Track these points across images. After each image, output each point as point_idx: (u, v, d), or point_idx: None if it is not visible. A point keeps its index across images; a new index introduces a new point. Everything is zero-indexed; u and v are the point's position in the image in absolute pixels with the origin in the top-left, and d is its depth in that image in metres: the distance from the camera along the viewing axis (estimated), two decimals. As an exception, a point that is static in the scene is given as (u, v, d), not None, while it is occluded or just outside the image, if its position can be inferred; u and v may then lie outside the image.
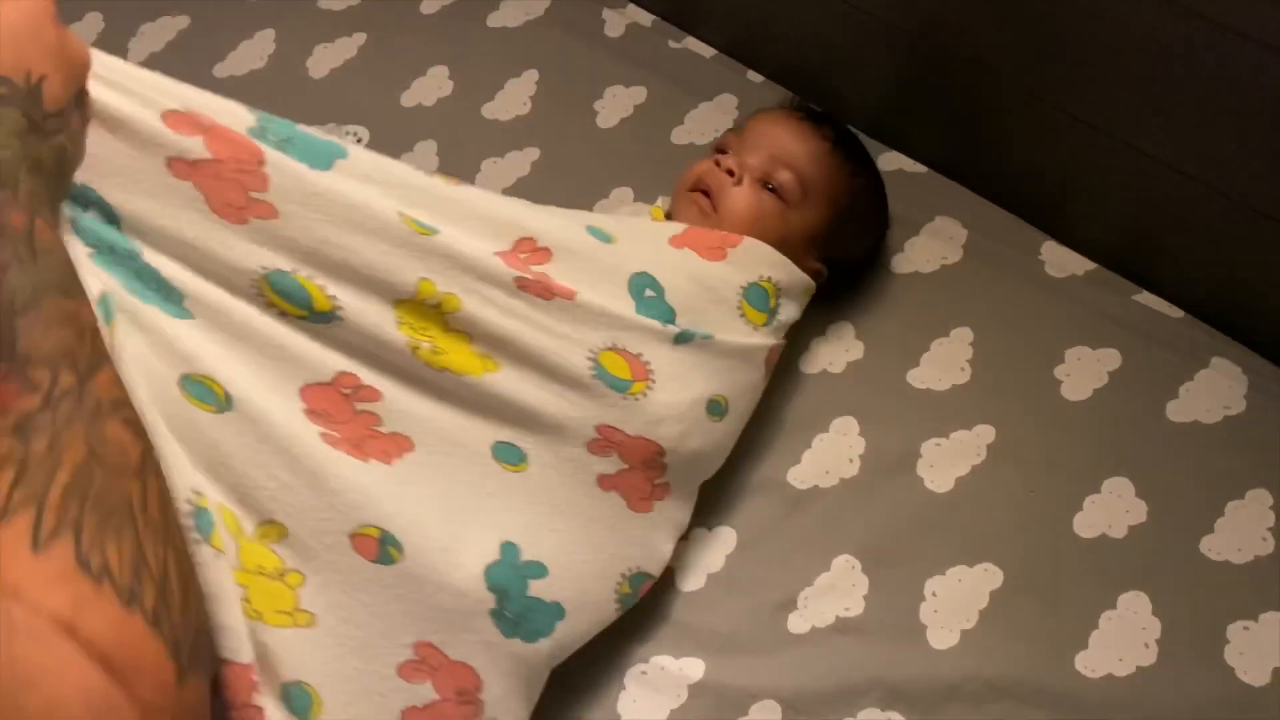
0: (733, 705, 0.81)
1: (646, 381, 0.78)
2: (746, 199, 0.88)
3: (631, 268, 0.81)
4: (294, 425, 0.68)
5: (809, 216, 0.89)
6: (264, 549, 0.66)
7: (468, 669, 0.71)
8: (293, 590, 0.67)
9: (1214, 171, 0.85)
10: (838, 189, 0.90)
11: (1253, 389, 0.90)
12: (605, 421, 0.77)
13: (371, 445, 0.71)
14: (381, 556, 0.68)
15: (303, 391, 0.70)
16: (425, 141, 1.08)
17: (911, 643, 0.82)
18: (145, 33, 1.17)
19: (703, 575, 0.86)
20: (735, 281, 0.85)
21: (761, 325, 0.85)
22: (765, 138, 0.91)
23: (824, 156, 0.90)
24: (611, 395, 0.77)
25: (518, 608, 0.73)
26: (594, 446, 0.77)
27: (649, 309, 0.80)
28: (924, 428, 0.90)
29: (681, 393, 0.79)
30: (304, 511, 0.67)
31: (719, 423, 0.82)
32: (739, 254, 0.85)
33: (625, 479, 0.78)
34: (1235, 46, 0.77)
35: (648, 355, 0.79)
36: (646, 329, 0.79)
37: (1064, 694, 0.80)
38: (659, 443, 0.78)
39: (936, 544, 0.86)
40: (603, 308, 0.78)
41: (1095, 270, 0.97)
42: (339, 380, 0.71)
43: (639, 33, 1.14)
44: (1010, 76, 0.92)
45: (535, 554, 0.74)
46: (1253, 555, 0.83)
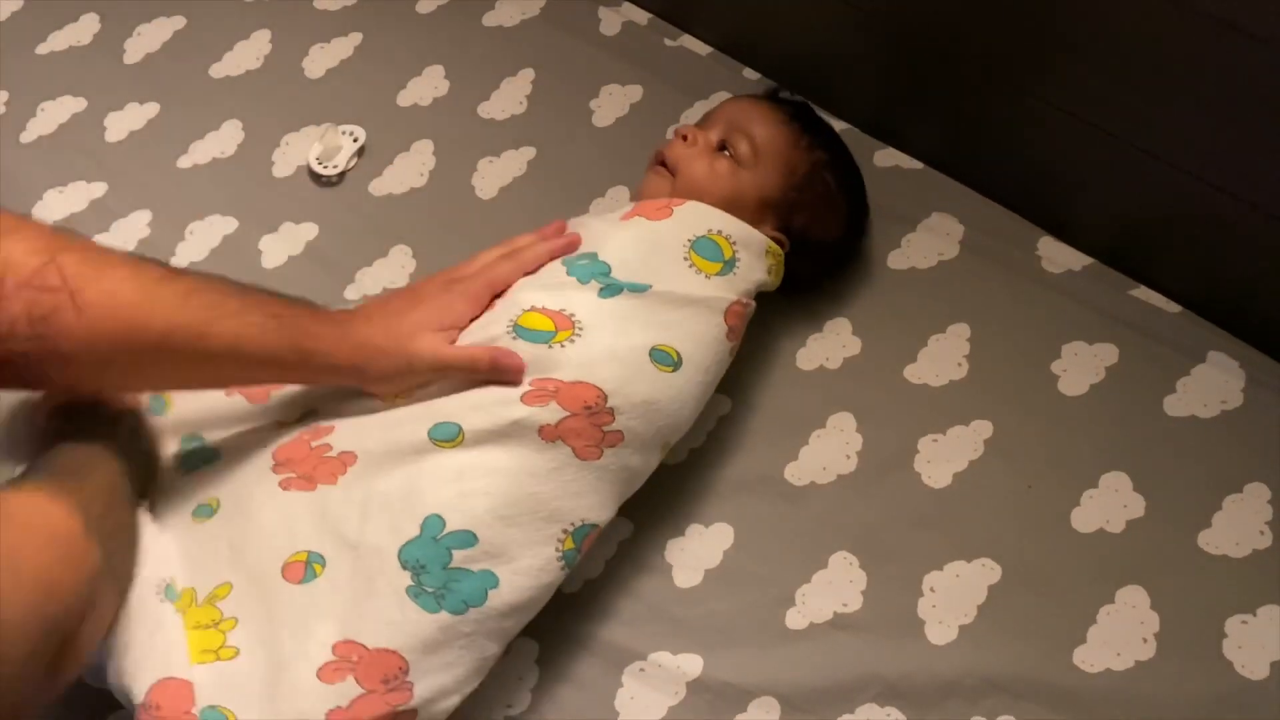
0: (731, 702, 0.81)
1: (572, 330, 0.80)
2: (699, 159, 0.91)
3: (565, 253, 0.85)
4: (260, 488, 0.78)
5: (761, 179, 0.90)
6: (210, 608, 0.75)
7: (389, 654, 0.72)
8: (223, 633, 0.74)
9: (1211, 166, 0.85)
10: (793, 158, 0.91)
11: (1250, 383, 0.90)
12: (536, 375, 0.78)
13: (321, 471, 0.78)
14: (306, 576, 0.74)
15: (275, 451, 0.80)
16: (422, 141, 1.08)
17: (910, 639, 0.82)
18: (142, 33, 1.18)
19: (700, 572, 0.85)
20: (681, 235, 0.86)
21: (715, 274, 0.86)
22: (725, 113, 0.94)
23: (779, 125, 0.92)
24: (535, 347, 0.79)
25: (437, 581, 0.73)
26: (529, 399, 0.77)
27: (582, 270, 0.83)
28: (921, 424, 0.90)
29: (616, 338, 0.80)
30: (246, 563, 0.76)
31: (671, 373, 0.82)
32: (684, 211, 0.88)
33: (570, 426, 0.77)
34: (1231, 41, 0.77)
35: (571, 308, 0.81)
36: (567, 286, 0.82)
37: (1062, 689, 0.79)
38: (598, 385, 0.78)
39: (934, 540, 0.85)
40: (532, 283, 0.83)
41: (1092, 265, 0.97)
42: (304, 433, 0.81)
43: (634, 31, 1.14)
44: (1006, 73, 0.93)
45: (463, 523, 0.74)
46: (1250, 549, 0.83)
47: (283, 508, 0.77)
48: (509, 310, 0.81)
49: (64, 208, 1.07)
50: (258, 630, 0.73)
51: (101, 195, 1.07)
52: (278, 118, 1.11)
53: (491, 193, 1.05)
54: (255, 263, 1.02)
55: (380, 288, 1.00)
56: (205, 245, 1.04)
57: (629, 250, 0.85)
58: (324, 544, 0.75)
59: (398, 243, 1.02)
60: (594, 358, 0.79)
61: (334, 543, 0.75)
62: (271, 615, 0.73)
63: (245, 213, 1.05)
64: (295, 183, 1.07)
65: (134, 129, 1.11)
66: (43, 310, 0.67)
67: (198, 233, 1.04)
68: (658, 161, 0.93)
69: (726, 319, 0.86)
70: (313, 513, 0.76)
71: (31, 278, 0.67)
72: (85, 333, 0.68)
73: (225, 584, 0.75)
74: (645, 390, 0.80)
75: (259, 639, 0.73)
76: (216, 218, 1.05)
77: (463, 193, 1.05)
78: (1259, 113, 0.80)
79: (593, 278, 0.82)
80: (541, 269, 0.84)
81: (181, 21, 1.18)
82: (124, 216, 1.06)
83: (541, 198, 1.04)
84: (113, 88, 1.14)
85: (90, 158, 1.09)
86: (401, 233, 1.03)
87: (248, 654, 0.72)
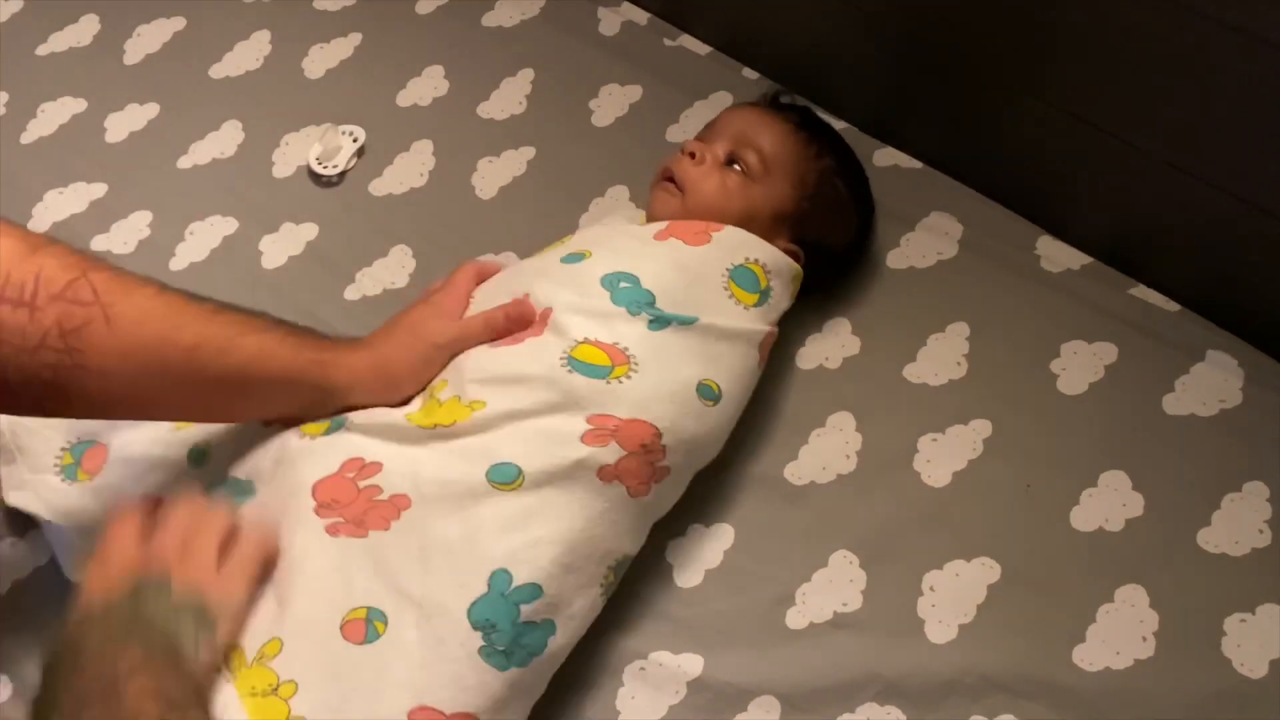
0: (731, 701, 0.81)
1: (628, 365, 0.78)
2: (710, 176, 0.89)
3: (600, 270, 0.83)
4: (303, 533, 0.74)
5: (773, 192, 0.90)
6: (262, 669, 0.71)
7: (466, 716, 0.71)
8: (285, 702, 0.70)
9: (1209, 165, 0.85)
10: (803, 167, 0.91)
11: (1249, 382, 0.90)
12: (593, 410, 0.77)
13: (372, 516, 0.75)
14: (369, 635, 0.71)
15: (314, 487, 0.76)
16: (421, 141, 1.08)
17: (909, 637, 0.82)
18: (141, 34, 1.18)
19: (700, 571, 0.86)
20: (720, 263, 0.85)
21: (753, 306, 0.86)
22: (729, 125, 0.92)
23: (786, 135, 0.91)
24: (593, 383, 0.77)
25: (508, 639, 0.72)
26: (589, 438, 0.76)
27: (625, 296, 0.81)
28: (920, 423, 0.90)
29: (668, 374, 0.80)
30: (296, 619, 0.72)
31: (713, 407, 0.82)
32: (722, 237, 0.86)
33: (626, 466, 0.77)
34: (1229, 41, 0.77)
35: (624, 342, 0.79)
36: (615, 317, 0.80)
37: (1062, 688, 0.79)
38: (654, 424, 0.78)
39: (934, 539, 0.85)
40: (576, 306, 0.80)
41: (1091, 264, 0.97)
42: (345, 466, 0.77)
43: (634, 31, 1.14)
44: (1006, 72, 0.93)
45: (529, 575, 0.73)
46: (1250, 548, 0.83)
47: (334, 557, 0.73)
48: (561, 341, 0.79)
49: (64, 208, 1.07)
50: (325, 698, 0.69)
51: (102, 196, 1.07)
52: (278, 118, 1.11)
53: (491, 193, 1.05)
54: (255, 263, 1.03)
55: (380, 288, 1.00)
56: (205, 246, 1.04)
57: (671, 278, 0.83)
58: (383, 599, 0.72)
59: (398, 243, 1.02)
60: (649, 395, 0.78)
61: (394, 597, 0.72)
62: (337, 679, 0.70)
63: (245, 213, 1.05)
64: (295, 183, 1.07)
65: (134, 130, 1.11)
66: (75, 323, 0.67)
67: (198, 233, 1.04)
68: (665, 178, 0.91)
69: (760, 350, 0.86)
70: (367, 563, 0.73)
71: (65, 291, 0.67)
72: (115, 346, 0.69)
73: (275, 640, 0.71)
74: (693, 427, 0.80)
75: (328, 708, 0.69)
76: (217, 218, 1.05)
77: (462, 193, 1.05)
78: (1258, 111, 0.80)
79: (641, 309, 0.80)
80: (583, 290, 0.81)
81: (181, 22, 1.18)
82: (124, 217, 1.06)
83: (541, 198, 1.04)
84: (113, 89, 1.14)
85: (90, 159, 1.10)
86: (401, 233, 1.03)
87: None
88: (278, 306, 0.98)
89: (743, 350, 0.84)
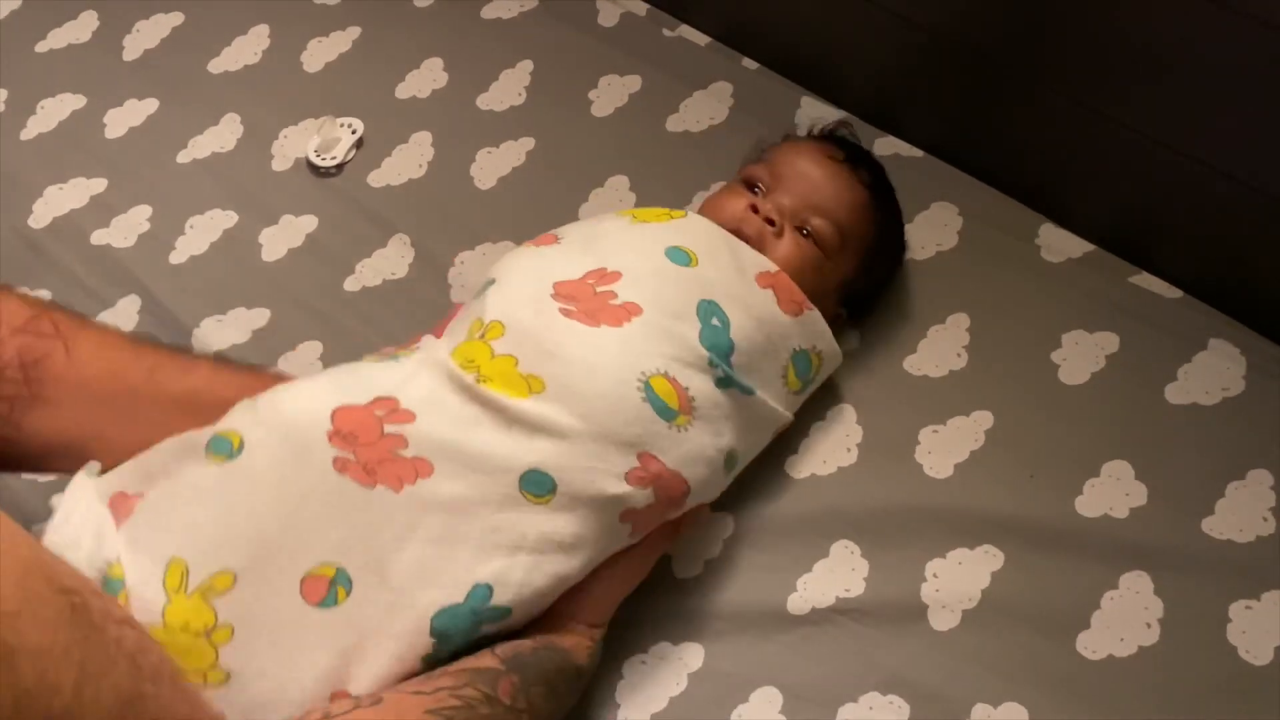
0: (733, 692, 0.80)
1: (690, 416, 0.75)
2: (790, 251, 0.85)
3: (703, 294, 0.78)
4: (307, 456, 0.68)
5: (843, 266, 0.87)
6: (201, 604, 0.66)
7: None
8: (215, 648, 0.66)
9: (1213, 150, 0.85)
10: (872, 237, 0.89)
11: (1251, 369, 0.89)
12: (648, 449, 0.73)
13: (386, 470, 0.69)
14: (326, 599, 0.67)
15: (335, 413, 0.70)
16: (420, 133, 1.08)
17: (913, 625, 0.82)
18: (140, 29, 1.18)
19: (700, 562, 0.85)
20: (793, 343, 0.83)
21: (795, 392, 0.85)
22: (801, 180, 0.87)
23: (862, 206, 0.88)
24: (659, 421, 0.74)
25: (452, 651, 0.69)
26: (632, 477, 0.73)
27: (711, 337, 0.77)
28: (922, 415, 0.90)
29: (712, 437, 0.77)
30: (263, 554, 0.67)
31: (725, 477, 0.81)
32: (809, 320, 0.84)
33: (648, 514, 0.75)
34: (1229, 24, 0.77)
35: (694, 390, 0.76)
36: (699, 362, 0.76)
37: (1066, 675, 0.79)
38: (689, 482, 0.75)
39: (936, 528, 0.85)
40: (667, 328, 0.76)
41: (1092, 252, 0.96)
42: (375, 403, 0.71)
43: (633, 22, 1.14)
44: (1008, 59, 0.92)
45: (509, 598, 0.70)
46: (1254, 535, 0.83)
47: (327, 496, 0.67)
48: (640, 360, 0.74)
49: (64, 204, 1.07)
50: (256, 658, 0.66)
51: (102, 191, 1.07)
52: (276, 112, 1.11)
53: (490, 183, 1.05)
54: (255, 256, 1.02)
55: (380, 279, 1.00)
56: (205, 239, 1.04)
57: (755, 339, 0.79)
58: (359, 566, 0.67)
59: (396, 233, 1.02)
60: (695, 453, 0.75)
61: (370, 571, 0.67)
62: (276, 638, 0.66)
63: (245, 206, 1.05)
64: (294, 176, 1.07)
65: (133, 125, 1.11)
66: (35, 355, 0.69)
67: (198, 227, 1.04)
68: (738, 235, 0.84)
69: (774, 434, 0.85)
70: (360, 519, 0.68)
71: (27, 324, 0.69)
72: (74, 375, 0.70)
73: (228, 574, 0.66)
74: (710, 493, 0.79)
75: (256, 670, 0.66)
76: (216, 212, 1.05)
77: (461, 184, 1.05)
78: (1261, 95, 0.79)
79: (719, 361, 0.77)
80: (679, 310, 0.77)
81: (180, 18, 1.18)
82: (124, 212, 1.06)
83: (540, 188, 1.04)
84: (112, 84, 1.14)
85: (90, 154, 1.10)
86: (400, 224, 1.03)
87: (238, 684, 0.65)
88: (278, 298, 1.00)
89: (768, 432, 0.83)
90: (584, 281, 0.78)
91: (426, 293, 0.98)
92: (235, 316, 0.99)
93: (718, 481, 0.80)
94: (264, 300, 0.99)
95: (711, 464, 0.77)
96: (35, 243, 1.04)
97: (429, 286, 0.99)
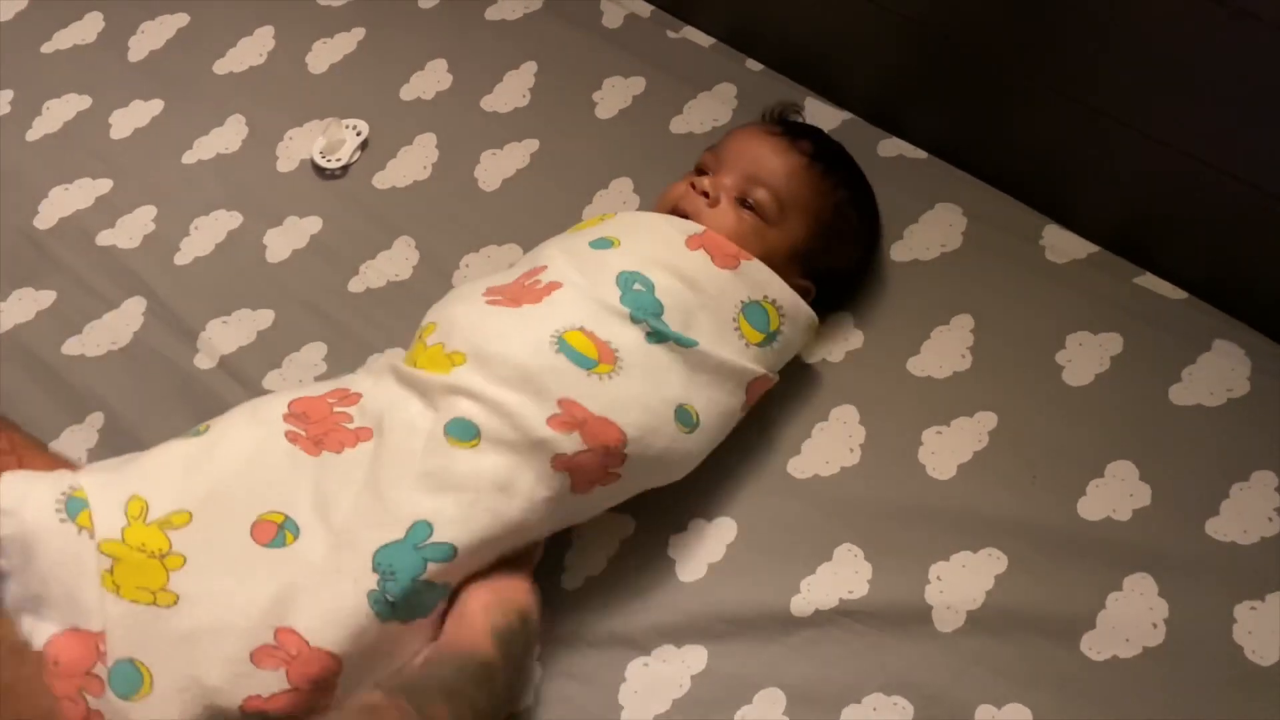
0: (736, 694, 0.81)
1: (614, 365, 0.78)
2: (726, 219, 0.87)
3: (621, 265, 0.82)
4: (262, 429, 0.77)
5: (789, 233, 0.88)
6: (158, 533, 0.72)
7: (328, 656, 0.70)
8: (167, 571, 0.71)
9: (1218, 151, 0.85)
10: (818, 204, 0.89)
11: (1256, 370, 0.89)
12: (567, 395, 0.76)
13: (331, 438, 0.77)
14: (275, 541, 0.73)
15: (292, 402, 0.79)
16: (425, 134, 1.08)
17: (916, 627, 0.82)
18: (146, 30, 1.18)
19: (703, 565, 0.85)
20: (737, 295, 0.84)
21: (756, 344, 0.85)
22: (740, 156, 0.90)
23: (801, 171, 0.89)
24: (574, 370, 0.77)
25: (401, 591, 0.72)
26: (555, 422, 0.76)
27: (634, 299, 0.81)
28: (925, 415, 0.90)
29: (650, 387, 0.79)
30: (217, 501, 0.73)
31: (687, 434, 0.81)
32: (750, 269, 0.85)
33: (581, 461, 0.76)
34: (1234, 24, 0.76)
35: (617, 343, 0.79)
36: (620, 318, 0.80)
37: (1070, 675, 0.79)
38: (622, 429, 0.77)
39: (940, 530, 0.85)
40: (585, 293, 0.80)
41: (1097, 253, 0.96)
42: (330, 394, 0.80)
43: (637, 23, 1.14)
44: (1013, 60, 0.92)
45: (451, 535, 0.73)
46: (1259, 536, 0.83)
47: (278, 461, 0.75)
48: (556, 319, 0.79)
49: (70, 204, 1.07)
50: (205, 583, 0.70)
51: (107, 192, 1.08)
52: (281, 113, 1.11)
53: (494, 185, 1.05)
54: (260, 257, 1.03)
55: (384, 280, 1.00)
56: (210, 240, 1.04)
57: (684, 295, 0.82)
58: (304, 515, 0.73)
59: (401, 235, 1.02)
60: (625, 400, 0.78)
61: (315, 518, 0.73)
62: (225, 569, 0.71)
63: (250, 207, 1.06)
64: (299, 177, 1.07)
65: (139, 126, 1.12)
66: None
67: (202, 228, 1.05)
68: (676, 213, 0.89)
69: (747, 393, 0.85)
70: (306, 478, 0.74)
71: None
72: None
73: (185, 513, 0.72)
74: (661, 446, 0.79)
75: (205, 592, 0.70)
76: (221, 213, 1.06)
77: (466, 185, 1.05)
78: (1264, 95, 0.79)
79: (645, 316, 0.80)
80: (597, 280, 0.81)
81: (185, 18, 1.18)
82: (129, 212, 1.06)
83: (544, 190, 1.04)
84: (117, 85, 1.14)
85: (95, 155, 1.10)
86: (405, 225, 1.03)
87: (186, 606, 0.70)
88: (282, 300, 1.00)
89: (730, 387, 0.83)
90: (517, 281, 0.84)
91: (430, 295, 0.96)
92: (240, 318, 0.99)
93: (670, 434, 0.80)
94: (268, 302, 1.00)
95: (652, 412, 0.78)
96: (40, 244, 1.05)
97: (433, 289, 0.98)
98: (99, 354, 0.98)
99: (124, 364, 0.97)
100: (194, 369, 0.97)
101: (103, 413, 0.95)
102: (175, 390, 0.95)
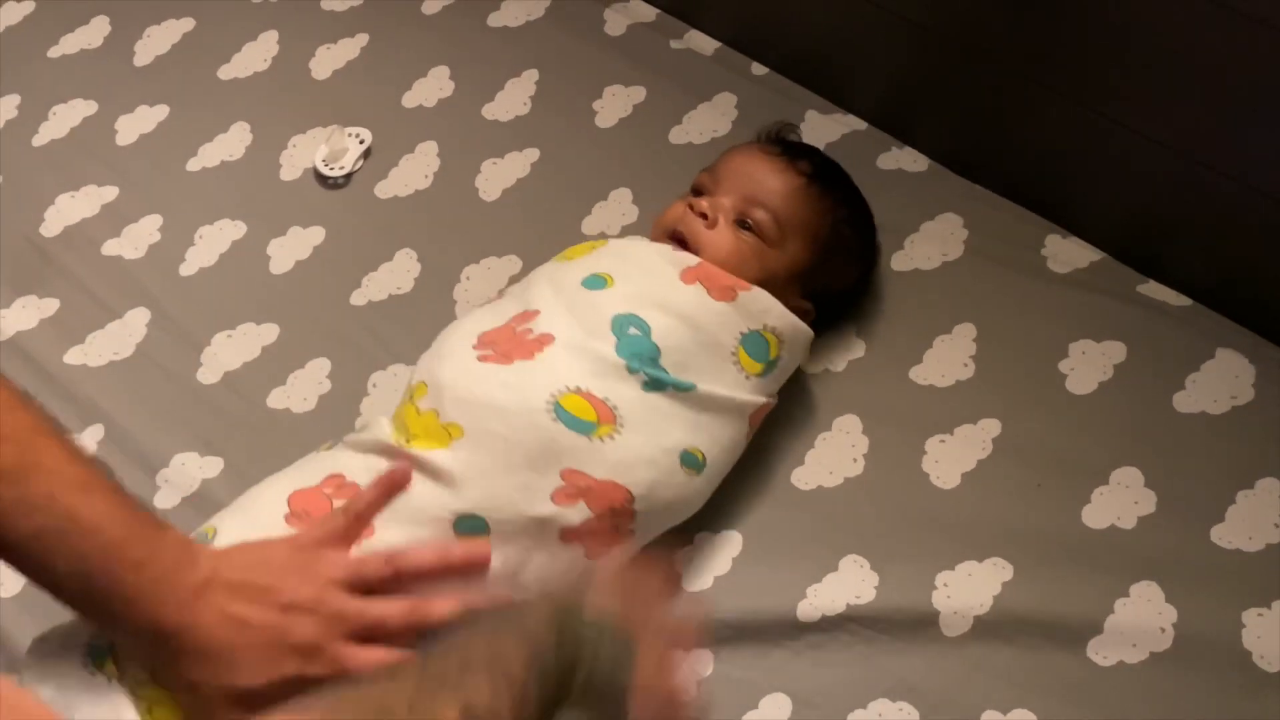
0: (742, 699, 0.80)
1: (614, 425, 0.77)
2: (725, 241, 0.86)
3: (616, 309, 0.81)
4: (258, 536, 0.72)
5: (789, 254, 0.87)
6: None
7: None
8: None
9: (1224, 156, 0.85)
10: (818, 224, 0.88)
11: (1260, 378, 0.89)
12: (570, 465, 0.75)
13: None
14: None
15: (290, 497, 0.76)
16: (426, 142, 1.08)
17: (923, 632, 0.82)
18: (151, 35, 1.18)
19: (709, 577, 0.85)
20: (737, 327, 0.83)
21: (756, 375, 0.84)
22: (738, 176, 0.89)
23: (800, 191, 0.88)
24: (574, 437, 0.76)
25: None
26: (559, 496, 0.75)
27: (631, 345, 0.79)
28: (928, 424, 0.90)
29: (653, 439, 0.78)
30: None
31: (694, 477, 0.80)
32: (748, 300, 0.83)
33: (590, 529, 0.76)
34: (1238, 28, 0.76)
35: (615, 399, 0.78)
36: (616, 371, 0.78)
37: (1078, 682, 0.79)
38: (628, 488, 0.77)
39: (945, 539, 0.85)
40: (579, 347, 0.79)
41: (1100, 261, 0.96)
42: (325, 482, 0.77)
43: (640, 31, 1.13)
44: (1017, 66, 0.92)
45: None
46: (1265, 543, 0.83)
47: None
48: (552, 380, 0.77)
49: (76, 212, 1.07)
50: None
51: (113, 199, 1.08)
52: (285, 120, 1.11)
53: (495, 194, 1.05)
54: (264, 269, 1.03)
55: (386, 294, 1.00)
56: (215, 250, 1.04)
57: (682, 336, 0.81)
58: None
59: (403, 246, 1.02)
60: (629, 459, 0.77)
61: None
62: None
63: (253, 216, 1.06)
64: (302, 185, 1.07)
65: (144, 132, 1.12)
66: None
67: (207, 237, 1.05)
68: (674, 239, 0.87)
69: (751, 421, 0.84)
70: None
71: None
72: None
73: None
74: (670, 495, 0.79)
75: None
76: (226, 222, 1.05)
77: (466, 195, 1.05)
78: (1267, 100, 0.79)
79: (641, 366, 0.79)
80: (592, 328, 0.79)
81: (190, 23, 1.18)
82: (135, 221, 1.06)
83: (545, 200, 1.04)
84: (123, 90, 1.14)
85: (101, 161, 1.10)
86: (406, 236, 1.03)
87: None
88: (286, 313, 1.00)
89: (734, 421, 0.83)
90: (508, 326, 0.82)
91: (431, 309, 0.98)
92: (244, 332, 0.99)
93: (678, 482, 0.79)
94: (272, 315, 0.99)
95: (657, 464, 0.78)
96: (46, 252, 1.05)
97: (434, 302, 0.99)
98: (101, 364, 0.98)
99: (126, 375, 0.97)
100: (197, 383, 0.96)
101: (103, 424, 0.94)
102: (177, 404, 0.95)
